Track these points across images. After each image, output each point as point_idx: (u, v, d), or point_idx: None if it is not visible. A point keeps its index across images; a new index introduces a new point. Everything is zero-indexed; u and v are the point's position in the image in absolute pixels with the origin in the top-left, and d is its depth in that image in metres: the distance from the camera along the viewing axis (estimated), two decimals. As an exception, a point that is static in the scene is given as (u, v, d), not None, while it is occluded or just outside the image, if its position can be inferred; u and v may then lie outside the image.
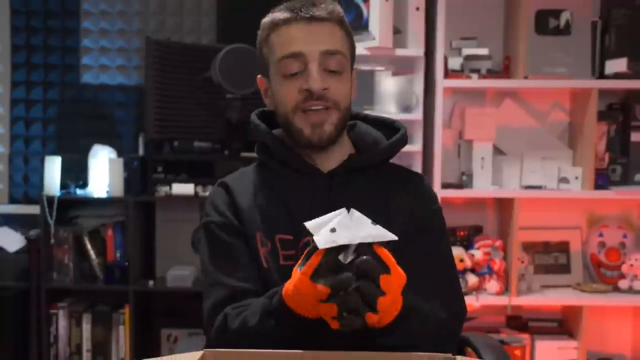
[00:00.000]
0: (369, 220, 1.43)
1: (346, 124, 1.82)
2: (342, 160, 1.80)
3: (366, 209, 1.47)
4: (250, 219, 1.76)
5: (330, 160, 1.80)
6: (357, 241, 1.39)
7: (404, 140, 1.88)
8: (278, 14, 1.75)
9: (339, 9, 1.77)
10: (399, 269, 1.43)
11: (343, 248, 1.40)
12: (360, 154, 1.86)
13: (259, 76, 1.85)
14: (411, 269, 1.53)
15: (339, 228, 1.40)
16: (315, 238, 1.41)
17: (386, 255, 1.42)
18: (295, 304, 1.50)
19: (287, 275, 1.57)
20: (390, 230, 1.45)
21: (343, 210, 1.43)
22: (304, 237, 1.67)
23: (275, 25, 1.75)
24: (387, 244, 1.47)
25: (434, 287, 1.67)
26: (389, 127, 1.92)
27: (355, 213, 1.43)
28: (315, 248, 1.42)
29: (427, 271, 1.66)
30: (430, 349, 1.56)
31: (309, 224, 1.43)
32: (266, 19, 1.79)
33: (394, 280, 1.41)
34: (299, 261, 1.47)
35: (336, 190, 1.71)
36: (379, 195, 1.70)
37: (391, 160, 1.90)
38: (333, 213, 1.43)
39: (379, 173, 1.84)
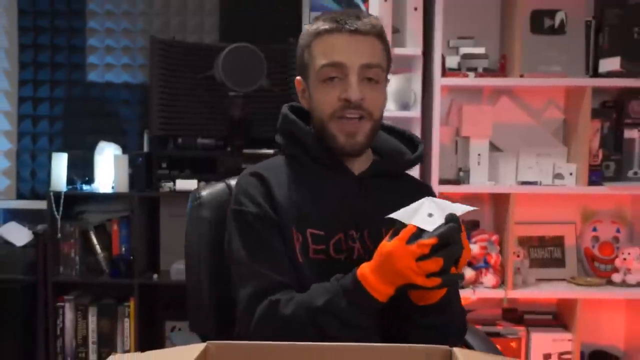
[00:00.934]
0: (448, 202, 1.55)
1: (377, 133, 1.87)
2: (366, 164, 1.86)
3: (390, 212, 1.55)
4: (286, 212, 1.78)
5: (355, 164, 1.84)
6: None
7: (421, 154, 1.95)
8: (322, 24, 1.80)
9: (380, 23, 1.82)
10: (468, 245, 1.55)
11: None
12: (386, 161, 1.92)
13: (297, 77, 1.89)
14: None
15: (433, 212, 1.52)
16: (413, 221, 1.52)
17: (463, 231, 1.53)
18: (374, 281, 1.55)
19: (315, 268, 1.64)
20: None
21: (424, 199, 1.54)
22: (350, 230, 1.73)
23: (319, 33, 1.79)
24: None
25: None
26: (406, 138, 1.99)
27: (435, 199, 1.55)
28: (402, 227, 1.52)
29: None
30: (457, 333, 1.74)
31: (395, 215, 1.54)
32: (310, 26, 1.83)
33: (465, 252, 1.52)
34: (385, 238, 1.55)
35: (365, 193, 1.75)
36: (399, 200, 1.74)
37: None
38: (416, 203, 1.54)
39: (398, 181, 1.90)
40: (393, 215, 1.53)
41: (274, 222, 1.78)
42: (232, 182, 2.13)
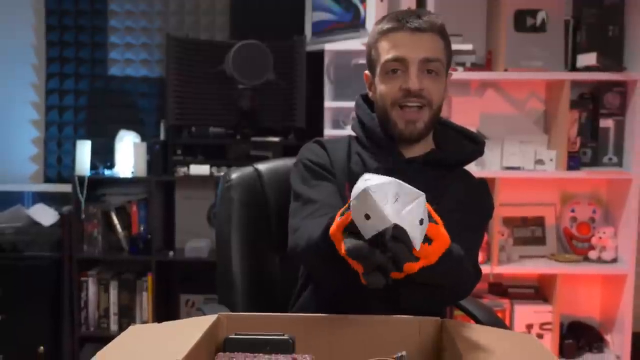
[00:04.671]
0: (420, 214, 1.22)
1: (435, 122, 1.90)
2: (422, 153, 1.89)
3: (431, 198, 1.36)
4: (339, 173, 1.88)
5: (412, 152, 1.88)
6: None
7: (481, 151, 1.96)
8: (387, 23, 1.83)
9: (439, 20, 1.84)
10: (443, 234, 1.34)
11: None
12: (439, 151, 1.93)
13: (365, 72, 1.94)
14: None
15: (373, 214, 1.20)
16: (352, 213, 1.24)
17: (431, 226, 1.30)
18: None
19: None
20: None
21: (396, 189, 1.20)
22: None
23: (384, 32, 1.83)
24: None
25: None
26: (469, 138, 1.99)
27: (404, 198, 1.21)
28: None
29: (456, 236, 1.59)
30: (452, 291, 1.67)
31: (366, 176, 1.23)
32: (376, 26, 1.87)
33: (433, 248, 1.32)
34: (346, 205, 1.33)
35: (411, 177, 1.56)
36: (443, 186, 1.79)
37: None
38: (388, 183, 1.19)
39: (451, 172, 1.91)
40: (365, 175, 1.23)
41: (330, 172, 1.88)
42: (260, 166, 2.19)
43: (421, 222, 1.23)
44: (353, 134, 2.01)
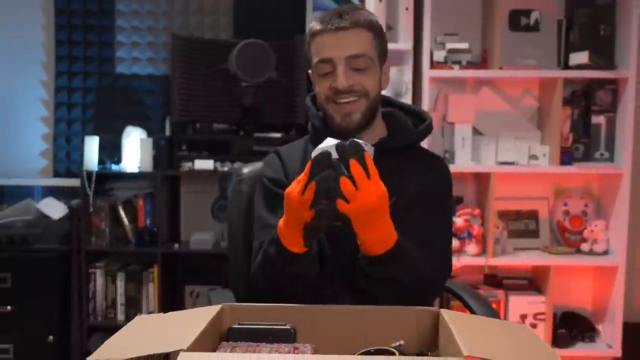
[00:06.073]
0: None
1: (375, 111, 1.90)
2: (374, 141, 1.88)
3: (388, 186, 1.55)
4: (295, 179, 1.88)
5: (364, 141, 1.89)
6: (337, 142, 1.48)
7: (429, 130, 1.97)
8: (314, 26, 1.85)
9: (364, 16, 1.83)
10: (380, 182, 1.52)
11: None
12: (390, 138, 1.93)
13: (309, 71, 1.93)
14: (408, 228, 1.61)
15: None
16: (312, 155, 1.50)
17: (371, 164, 1.50)
18: (283, 234, 1.61)
19: None
20: (395, 208, 1.59)
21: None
22: None
23: (312, 35, 1.85)
24: (394, 206, 1.57)
25: (423, 244, 1.71)
26: (417, 116, 2.00)
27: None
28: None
29: (420, 231, 1.71)
30: (413, 289, 1.65)
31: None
32: (309, 29, 1.88)
33: (372, 185, 1.49)
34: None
35: None
36: (400, 174, 1.79)
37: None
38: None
39: (405, 155, 1.91)
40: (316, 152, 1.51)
41: (284, 187, 1.83)
42: None
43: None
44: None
